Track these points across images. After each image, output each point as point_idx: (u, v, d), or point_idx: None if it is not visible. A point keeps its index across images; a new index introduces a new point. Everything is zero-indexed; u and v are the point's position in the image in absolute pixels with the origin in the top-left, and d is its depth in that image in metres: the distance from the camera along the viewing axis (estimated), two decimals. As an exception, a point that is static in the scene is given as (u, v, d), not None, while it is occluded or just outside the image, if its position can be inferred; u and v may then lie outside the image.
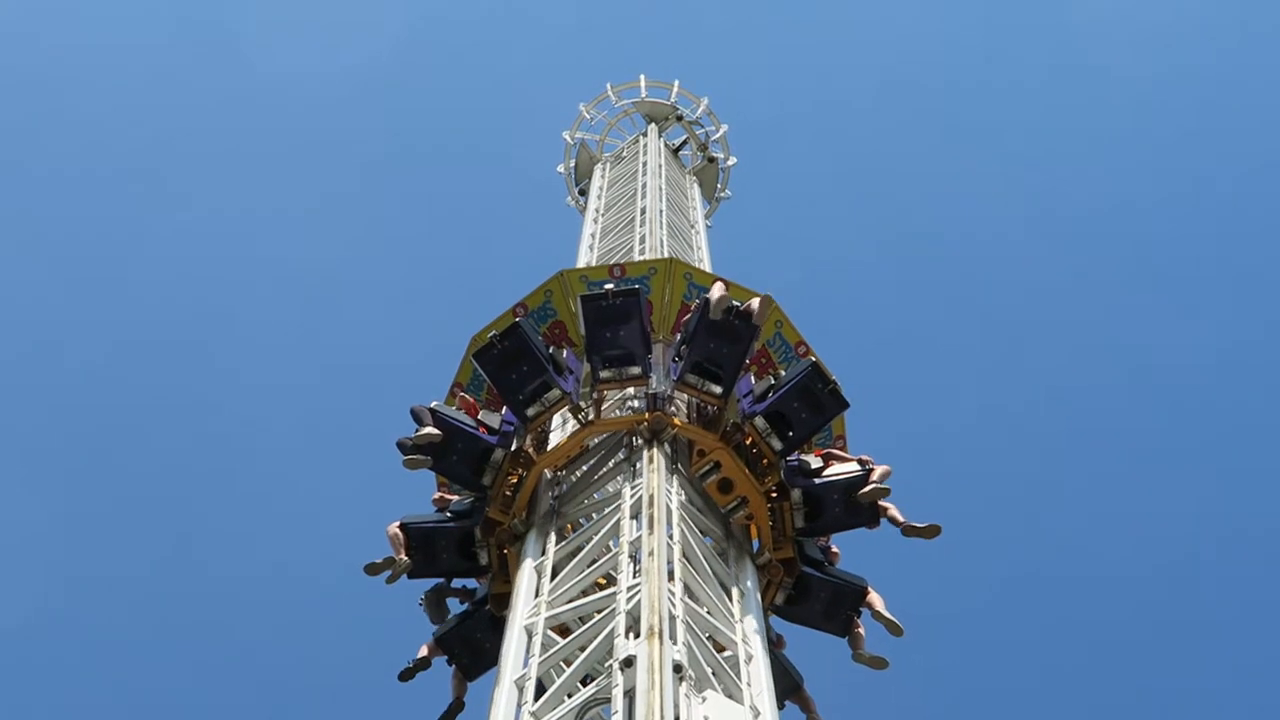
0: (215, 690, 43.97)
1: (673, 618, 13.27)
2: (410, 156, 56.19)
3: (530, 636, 14.31)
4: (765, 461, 16.90)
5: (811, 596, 17.05)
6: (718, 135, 34.41)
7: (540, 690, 13.44)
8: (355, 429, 44.80)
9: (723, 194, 33.92)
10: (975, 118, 56.10)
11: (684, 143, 34.46)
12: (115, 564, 45.97)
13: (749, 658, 14.03)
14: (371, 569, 16.77)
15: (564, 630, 14.56)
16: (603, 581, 15.09)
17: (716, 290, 17.44)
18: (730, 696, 13.19)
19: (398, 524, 17.06)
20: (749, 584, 15.84)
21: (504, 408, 17.37)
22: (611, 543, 15.45)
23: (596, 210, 28.82)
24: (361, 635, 40.61)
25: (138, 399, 48.69)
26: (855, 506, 16.94)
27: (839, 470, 17.15)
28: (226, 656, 44.70)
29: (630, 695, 12.14)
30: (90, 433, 47.85)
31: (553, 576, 15.25)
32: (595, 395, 17.37)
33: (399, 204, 55.48)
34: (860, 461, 17.24)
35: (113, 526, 46.30)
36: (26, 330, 49.00)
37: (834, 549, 17.77)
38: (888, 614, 16.84)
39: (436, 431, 16.79)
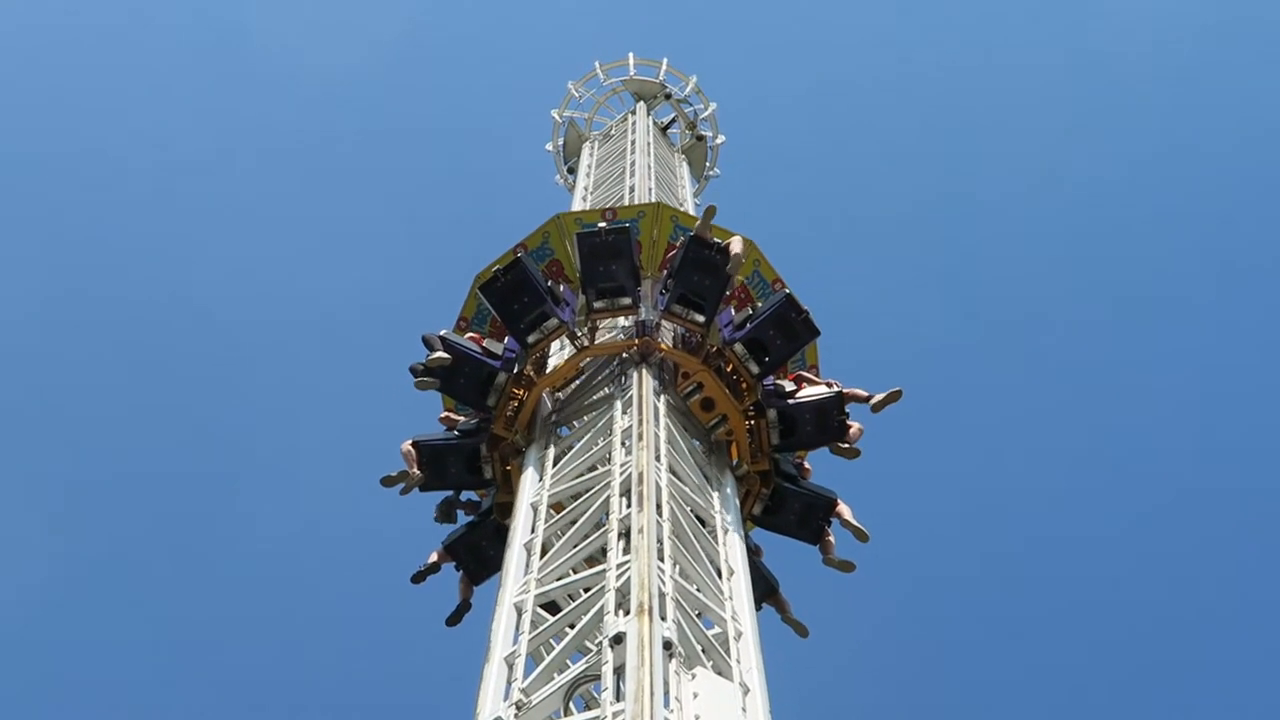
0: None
1: (662, 595, 14.08)
2: (402, 135, 59.50)
3: (520, 614, 15.20)
4: (744, 385, 19.56)
5: (786, 507, 19.75)
6: (706, 113, 36.17)
7: (530, 667, 14.19)
8: (352, 408, 48.00)
9: (711, 172, 35.64)
10: (964, 96, 59.50)
11: (672, 121, 35.94)
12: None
13: (739, 635, 14.88)
14: (387, 481, 19.48)
15: (553, 607, 15.57)
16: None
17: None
18: (720, 673, 13.92)
19: (410, 441, 19.78)
20: (729, 490, 18.42)
21: (506, 337, 20.02)
22: (601, 520, 16.43)
23: (585, 188, 30.58)
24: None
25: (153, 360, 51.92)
26: (825, 425, 19.74)
27: (810, 392, 19.93)
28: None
29: (620, 672, 12.78)
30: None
31: (542, 554, 16.34)
32: (590, 324, 20.00)
33: (391, 182, 58.84)
34: (828, 384, 20.12)
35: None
36: (25, 321, 52.05)
37: (807, 466, 20.65)
38: (855, 522, 19.62)
39: (446, 356, 19.37)
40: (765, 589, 19.55)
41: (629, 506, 15.93)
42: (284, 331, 54.69)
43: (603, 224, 20.46)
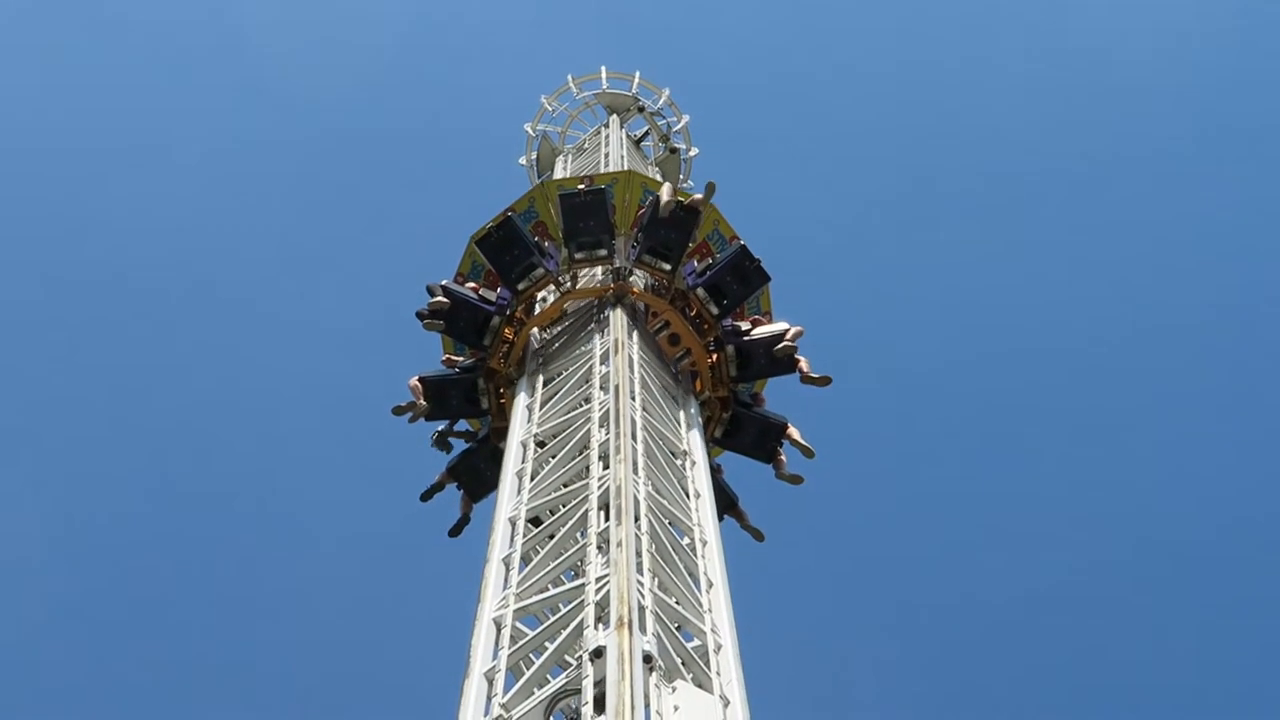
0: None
1: (642, 608, 15.04)
2: (375, 148, 65.07)
3: (499, 629, 16.28)
4: (706, 325, 24.64)
5: (743, 430, 24.80)
6: (679, 126, 39.77)
7: (510, 682, 15.25)
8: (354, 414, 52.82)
9: (685, 185, 37.91)
10: (938, 100, 64.83)
11: (645, 134, 39.28)
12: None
13: (718, 647, 15.97)
14: (397, 410, 24.44)
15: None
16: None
17: (665, 190, 25.47)
18: (700, 686, 14.82)
19: (417, 378, 24.87)
20: (693, 411, 23.22)
21: (499, 287, 25.00)
22: (579, 534, 17.78)
23: (559, 201, 35.42)
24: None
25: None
26: (775, 358, 24.80)
27: (763, 330, 25.14)
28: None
29: (600, 686, 13.63)
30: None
31: (521, 568, 17.60)
32: (571, 273, 25.10)
33: (363, 193, 64.03)
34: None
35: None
36: (25, 317, 57.19)
37: (762, 396, 25.83)
38: (803, 441, 24.82)
39: (446, 300, 24.46)
40: (726, 502, 24.53)
41: (607, 520, 17.22)
42: (271, 328, 59.82)
43: (581, 187, 25.73)
